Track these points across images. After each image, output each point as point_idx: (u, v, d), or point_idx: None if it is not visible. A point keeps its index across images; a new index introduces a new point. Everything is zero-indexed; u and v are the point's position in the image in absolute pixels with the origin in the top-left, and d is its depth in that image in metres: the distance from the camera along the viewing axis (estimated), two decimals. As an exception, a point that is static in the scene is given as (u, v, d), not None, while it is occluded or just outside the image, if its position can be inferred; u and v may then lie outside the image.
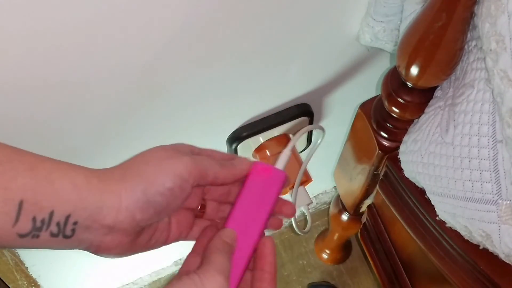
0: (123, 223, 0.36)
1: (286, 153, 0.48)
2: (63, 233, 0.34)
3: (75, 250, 0.38)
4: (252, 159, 0.76)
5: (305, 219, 0.79)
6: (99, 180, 0.36)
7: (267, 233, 0.43)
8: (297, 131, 0.52)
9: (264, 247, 0.41)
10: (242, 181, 0.44)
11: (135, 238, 0.38)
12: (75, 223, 0.35)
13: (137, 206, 0.36)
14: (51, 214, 0.33)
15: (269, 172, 0.44)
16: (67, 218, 0.34)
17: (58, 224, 0.34)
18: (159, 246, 0.42)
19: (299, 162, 0.77)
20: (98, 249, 0.37)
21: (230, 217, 0.43)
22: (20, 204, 0.32)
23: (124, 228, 0.36)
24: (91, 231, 0.36)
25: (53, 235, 0.34)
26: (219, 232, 0.41)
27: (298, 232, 0.70)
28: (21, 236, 0.33)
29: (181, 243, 0.44)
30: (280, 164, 0.47)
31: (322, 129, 0.54)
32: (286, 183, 0.45)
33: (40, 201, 0.33)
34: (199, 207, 0.44)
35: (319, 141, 0.57)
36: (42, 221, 0.33)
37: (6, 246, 0.34)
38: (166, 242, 0.42)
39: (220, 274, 0.36)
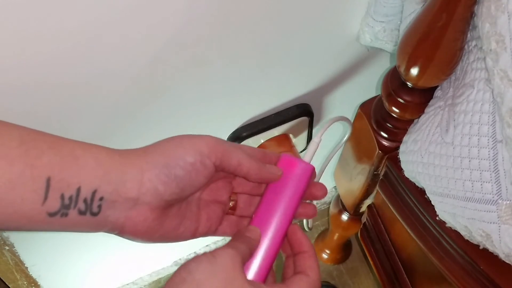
0: (146, 195, 0.36)
1: (313, 146, 0.47)
2: (90, 210, 0.35)
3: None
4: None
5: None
6: (120, 155, 0.36)
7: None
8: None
9: (295, 234, 0.43)
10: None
11: (162, 218, 0.38)
12: (101, 198, 0.35)
13: (159, 178, 0.36)
14: (78, 190, 0.34)
15: (297, 166, 0.43)
16: (94, 193, 0.34)
17: (85, 200, 0.34)
18: (188, 237, 0.42)
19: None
20: (124, 228, 0.37)
21: (256, 211, 0.43)
22: (48, 181, 0.32)
23: (148, 201, 0.36)
24: (116, 206, 0.36)
25: (81, 212, 0.34)
26: (242, 228, 0.42)
27: (305, 229, 0.71)
28: (51, 215, 0.33)
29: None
30: (308, 156, 0.46)
31: (349, 121, 0.53)
32: (314, 176, 0.45)
33: (67, 178, 0.33)
34: (230, 205, 0.44)
35: (346, 137, 0.55)
36: (70, 198, 0.33)
37: (35, 228, 0.34)
38: (195, 234, 0.42)
39: (231, 248, 0.37)
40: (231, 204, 0.44)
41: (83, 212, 0.34)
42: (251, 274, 0.41)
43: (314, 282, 0.40)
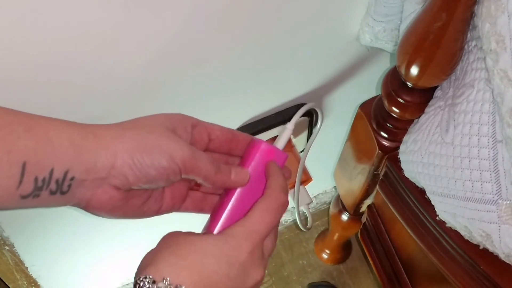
0: (115, 178, 0.36)
1: (286, 133, 0.48)
2: (61, 190, 0.35)
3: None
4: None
5: (306, 218, 0.79)
6: (94, 135, 0.36)
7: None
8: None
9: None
10: (241, 156, 0.45)
11: (127, 198, 0.39)
12: (72, 178, 0.35)
13: (130, 170, 0.37)
14: (51, 172, 0.34)
15: (270, 153, 0.44)
16: (65, 174, 0.34)
17: (57, 181, 0.34)
18: (152, 215, 0.42)
19: (298, 161, 0.77)
20: (89, 204, 0.37)
21: (225, 195, 0.43)
22: (24, 166, 0.33)
23: (115, 183, 0.37)
24: (85, 185, 0.36)
25: (52, 192, 0.34)
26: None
27: (302, 228, 0.71)
28: (24, 197, 0.33)
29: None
30: (281, 143, 0.47)
31: (320, 109, 0.54)
32: (285, 161, 0.46)
33: (41, 161, 0.33)
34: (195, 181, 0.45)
35: (319, 125, 0.56)
36: (43, 180, 0.34)
37: (7, 208, 0.34)
38: (159, 211, 0.43)
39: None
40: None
41: (54, 192, 0.35)
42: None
43: (274, 200, 0.41)
